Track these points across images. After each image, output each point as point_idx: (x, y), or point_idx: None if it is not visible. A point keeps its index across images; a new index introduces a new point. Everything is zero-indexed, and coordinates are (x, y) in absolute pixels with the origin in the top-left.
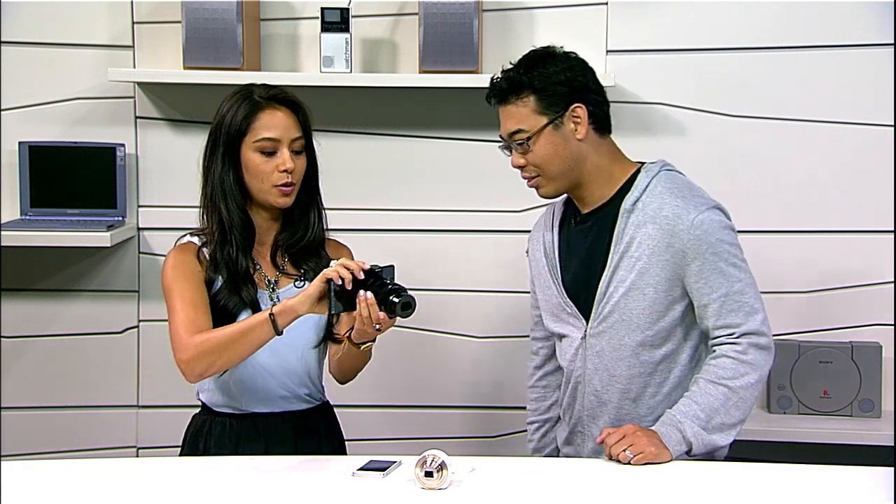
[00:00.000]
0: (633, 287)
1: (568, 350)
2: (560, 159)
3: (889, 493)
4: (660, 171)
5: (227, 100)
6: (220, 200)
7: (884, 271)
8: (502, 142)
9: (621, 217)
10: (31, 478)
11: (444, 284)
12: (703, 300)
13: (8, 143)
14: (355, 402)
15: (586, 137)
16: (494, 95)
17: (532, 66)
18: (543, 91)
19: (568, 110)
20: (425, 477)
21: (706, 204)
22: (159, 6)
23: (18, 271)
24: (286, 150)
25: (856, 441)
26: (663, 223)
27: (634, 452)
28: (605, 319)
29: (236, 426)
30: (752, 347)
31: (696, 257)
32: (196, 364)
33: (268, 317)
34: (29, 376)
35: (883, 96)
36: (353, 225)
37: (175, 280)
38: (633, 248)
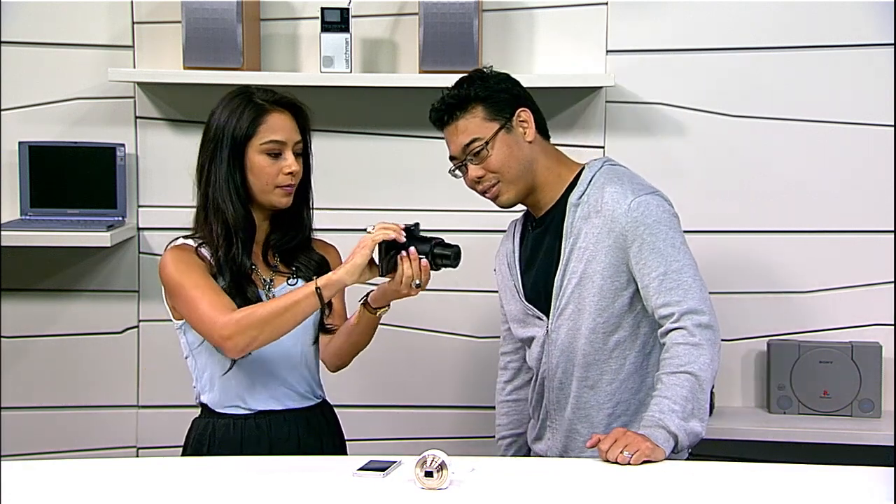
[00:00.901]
0: (583, 276)
1: (535, 350)
2: (516, 161)
3: (889, 493)
4: (602, 166)
5: (225, 103)
6: (227, 201)
7: (884, 271)
8: (454, 162)
9: (569, 212)
10: (31, 478)
11: (444, 284)
12: (644, 280)
13: (8, 143)
14: (355, 402)
15: (534, 140)
16: (440, 117)
17: (470, 83)
18: (489, 99)
19: (514, 114)
20: (425, 477)
21: (644, 189)
22: (159, 6)
23: (18, 271)
24: (290, 152)
25: (856, 441)
26: (605, 210)
27: (631, 452)
28: (562, 312)
29: (241, 426)
30: (698, 328)
31: (635, 239)
32: (239, 338)
33: (314, 290)
34: (29, 376)
35: (883, 96)
36: (352, 225)
37: (183, 273)
38: (580, 239)
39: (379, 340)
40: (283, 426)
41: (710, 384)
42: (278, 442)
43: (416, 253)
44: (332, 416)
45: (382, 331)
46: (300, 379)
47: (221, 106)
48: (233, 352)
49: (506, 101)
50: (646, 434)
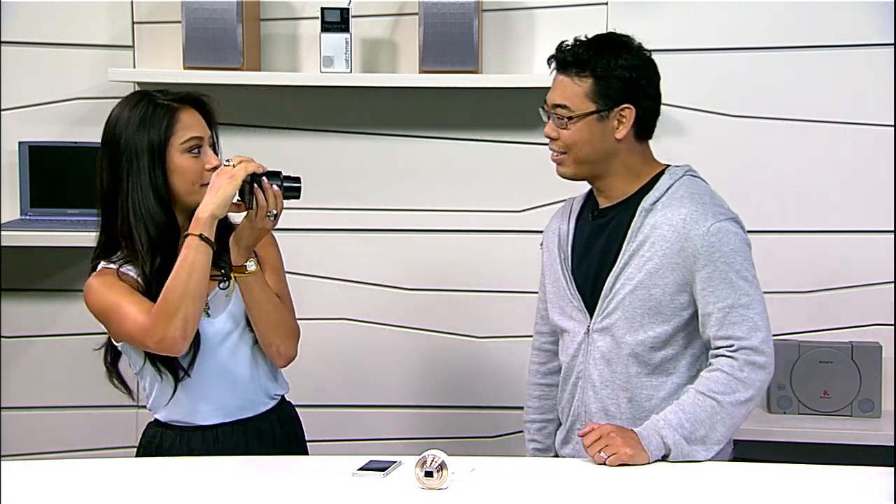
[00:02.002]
0: (639, 286)
1: (570, 345)
2: (591, 149)
3: (889, 493)
4: (683, 175)
5: (126, 114)
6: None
7: (884, 271)
8: (544, 105)
9: (638, 215)
10: (31, 478)
11: (444, 284)
12: (708, 308)
13: (8, 143)
14: (355, 402)
15: (624, 139)
16: (557, 61)
17: (603, 50)
18: (602, 80)
19: (617, 108)
20: (425, 477)
21: (724, 214)
22: (159, 6)
23: (18, 271)
24: (208, 147)
25: (856, 441)
26: (679, 226)
27: (609, 454)
28: (608, 316)
29: (188, 438)
30: (749, 365)
31: (707, 264)
32: (170, 329)
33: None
34: (29, 376)
35: (883, 96)
36: (352, 225)
37: (104, 297)
38: (645, 247)
39: (380, 340)
40: (231, 436)
41: (737, 422)
42: (225, 451)
43: (269, 183)
44: (289, 418)
45: (383, 331)
46: (249, 386)
47: (124, 116)
48: (176, 346)
49: (618, 90)
50: (641, 434)
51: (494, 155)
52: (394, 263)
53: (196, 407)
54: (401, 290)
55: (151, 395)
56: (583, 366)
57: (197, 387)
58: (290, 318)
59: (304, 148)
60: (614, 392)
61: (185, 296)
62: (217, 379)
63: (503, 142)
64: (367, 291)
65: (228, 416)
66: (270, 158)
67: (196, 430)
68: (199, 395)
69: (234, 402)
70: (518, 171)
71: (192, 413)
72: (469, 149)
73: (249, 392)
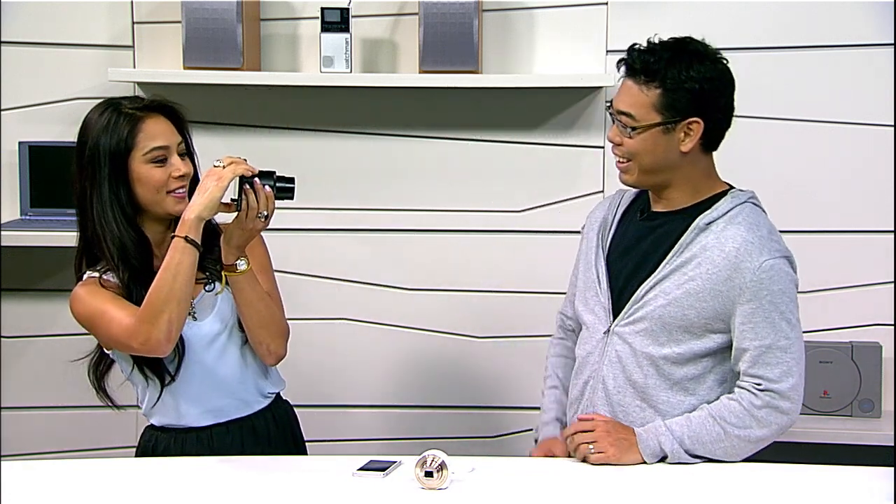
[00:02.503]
0: (674, 303)
1: (587, 341)
2: (653, 159)
3: (889, 493)
4: (746, 202)
5: (94, 121)
6: (112, 223)
7: (884, 271)
8: (610, 107)
9: (691, 231)
10: (31, 478)
11: (444, 284)
12: (745, 344)
13: (8, 143)
14: (355, 402)
15: (690, 152)
16: (626, 65)
17: (674, 59)
18: (671, 93)
19: (685, 121)
20: (425, 477)
21: (779, 251)
22: (159, 6)
23: (18, 271)
24: (175, 155)
25: (856, 441)
26: (731, 255)
27: (596, 450)
28: (633, 322)
29: (181, 441)
30: (770, 407)
31: (752, 300)
32: (154, 331)
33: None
34: (29, 376)
35: (883, 96)
36: (352, 225)
37: (88, 305)
38: (690, 265)
39: (380, 340)
40: (226, 437)
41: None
42: (220, 453)
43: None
44: (285, 416)
45: (383, 330)
46: (240, 386)
47: (91, 124)
48: (161, 348)
49: (687, 102)
50: (640, 436)
51: (494, 155)
52: (394, 263)
53: (187, 410)
54: (401, 290)
55: (144, 400)
56: (597, 366)
57: (186, 389)
58: (280, 316)
59: (304, 148)
60: (627, 398)
61: (171, 297)
62: (206, 381)
63: (503, 142)
64: (367, 291)
65: (221, 417)
66: (270, 158)
67: (190, 431)
68: (189, 397)
69: (225, 403)
70: (518, 171)
71: (184, 416)
72: (469, 149)
73: (241, 392)
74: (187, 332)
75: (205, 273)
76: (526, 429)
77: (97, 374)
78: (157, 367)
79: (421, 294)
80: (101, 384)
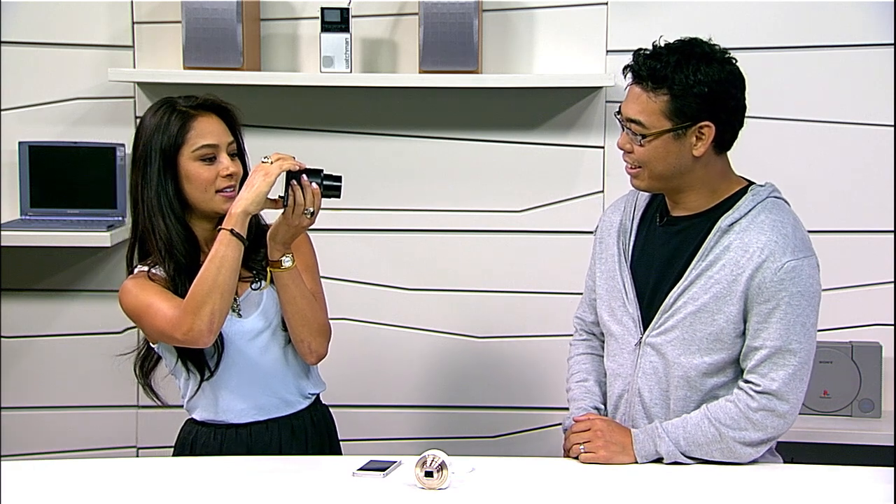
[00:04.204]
0: (703, 309)
1: (618, 353)
2: (667, 165)
3: (889, 493)
4: (767, 198)
5: (149, 117)
6: (159, 218)
7: (884, 271)
8: (619, 115)
9: (713, 234)
10: (31, 478)
11: (444, 284)
12: (756, 343)
13: (8, 143)
14: (355, 402)
15: (703, 156)
16: (632, 71)
17: (681, 64)
18: (680, 98)
19: (696, 125)
20: (425, 477)
21: (803, 251)
22: (159, 6)
23: (18, 271)
24: (225, 154)
25: (856, 441)
26: (755, 255)
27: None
28: (665, 332)
29: (221, 436)
30: (766, 410)
31: (770, 299)
32: (196, 321)
33: (228, 235)
34: (29, 376)
35: (883, 96)
36: (352, 225)
37: (136, 297)
38: (715, 268)
39: (379, 340)
40: (265, 435)
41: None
42: (259, 449)
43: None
44: (323, 419)
45: (383, 330)
46: (281, 385)
47: (146, 121)
48: (201, 338)
49: (697, 106)
50: (636, 437)
51: (494, 155)
52: (394, 263)
53: (228, 405)
54: (401, 290)
55: (186, 394)
56: (631, 378)
57: (227, 384)
58: (323, 316)
59: (305, 148)
60: (662, 411)
61: (214, 289)
62: (247, 377)
63: (503, 142)
64: (367, 291)
65: (261, 415)
66: None
67: (230, 428)
68: (229, 393)
69: (265, 401)
70: (518, 171)
71: (224, 411)
72: (469, 149)
73: (281, 390)
74: (231, 328)
75: (251, 272)
76: (526, 429)
77: (143, 370)
78: (199, 361)
79: (421, 294)
80: (148, 380)
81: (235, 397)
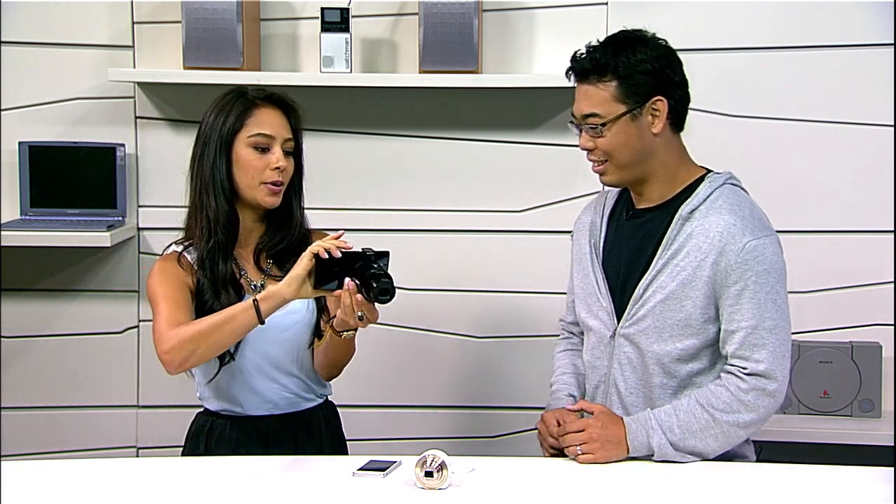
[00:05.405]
0: (671, 296)
1: (595, 346)
2: (630, 150)
3: (889, 493)
4: (724, 184)
5: (218, 100)
6: (210, 194)
7: (884, 271)
8: (573, 119)
9: (675, 223)
10: (31, 478)
11: (444, 284)
12: (732, 326)
13: (8, 143)
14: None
15: (661, 132)
16: (575, 72)
17: (620, 49)
18: (627, 79)
19: (648, 102)
20: (425, 477)
21: (763, 230)
22: (159, 6)
23: (18, 271)
24: (279, 148)
25: (856, 441)
26: (715, 239)
27: (584, 451)
28: (637, 322)
29: (237, 429)
30: (757, 390)
31: (738, 281)
32: (176, 353)
33: (251, 303)
34: (29, 376)
35: (883, 96)
36: (352, 225)
37: (158, 285)
38: (680, 256)
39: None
40: (281, 429)
41: (733, 440)
42: (275, 444)
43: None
44: (333, 418)
45: (383, 331)
46: (297, 382)
47: (215, 103)
48: (170, 366)
49: (646, 84)
50: (629, 427)
51: (494, 155)
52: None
53: (245, 397)
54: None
55: (202, 381)
56: (607, 370)
57: (245, 374)
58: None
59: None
60: (639, 400)
61: (208, 339)
62: (266, 369)
63: (503, 142)
64: None
65: (277, 409)
66: None
67: (247, 420)
68: (246, 383)
69: (281, 396)
70: (518, 171)
71: (237, 400)
72: (469, 149)
73: (298, 386)
74: None
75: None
76: (526, 429)
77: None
78: None
79: (421, 294)
80: None
81: (252, 389)
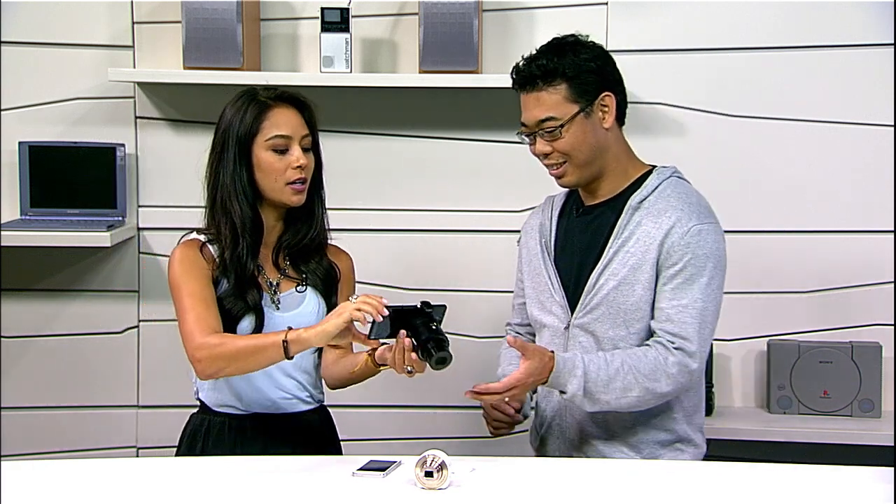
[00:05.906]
0: (623, 282)
1: (549, 342)
2: (588, 147)
3: (889, 493)
4: (671, 176)
5: (230, 104)
6: (233, 201)
7: (884, 271)
8: (524, 129)
9: (626, 213)
10: (31, 478)
11: (444, 284)
12: (663, 303)
13: (8, 143)
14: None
15: (611, 127)
16: (522, 82)
17: (562, 53)
18: (576, 79)
19: (597, 99)
20: (425, 477)
21: (708, 218)
22: (159, 6)
23: (18, 271)
24: (297, 146)
25: (856, 441)
26: (663, 224)
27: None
28: (591, 311)
29: (235, 426)
30: (681, 365)
31: (678, 262)
32: (208, 365)
33: (281, 342)
34: (29, 376)
35: (883, 96)
36: (353, 225)
37: (183, 276)
38: (630, 243)
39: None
40: (279, 429)
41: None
42: (273, 444)
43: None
44: (329, 422)
45: None
46: (297, 384)
47: (227, 108)
48: (201, 375)
49: (594, 82)
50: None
51: (494, 155)
52: (394, 263)
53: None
54: (401, 290)
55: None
56: None
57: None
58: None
59: None
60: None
61: (237, 362)
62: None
63: (503, 142)
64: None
65: (274, 408)
66: None
67: (245, 418)
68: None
69: (281, 394)
70: (518, 171)
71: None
72: (469, 149)
73: (297, 389)
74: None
75: (301, 275)
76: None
77: None
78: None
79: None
80: None
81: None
